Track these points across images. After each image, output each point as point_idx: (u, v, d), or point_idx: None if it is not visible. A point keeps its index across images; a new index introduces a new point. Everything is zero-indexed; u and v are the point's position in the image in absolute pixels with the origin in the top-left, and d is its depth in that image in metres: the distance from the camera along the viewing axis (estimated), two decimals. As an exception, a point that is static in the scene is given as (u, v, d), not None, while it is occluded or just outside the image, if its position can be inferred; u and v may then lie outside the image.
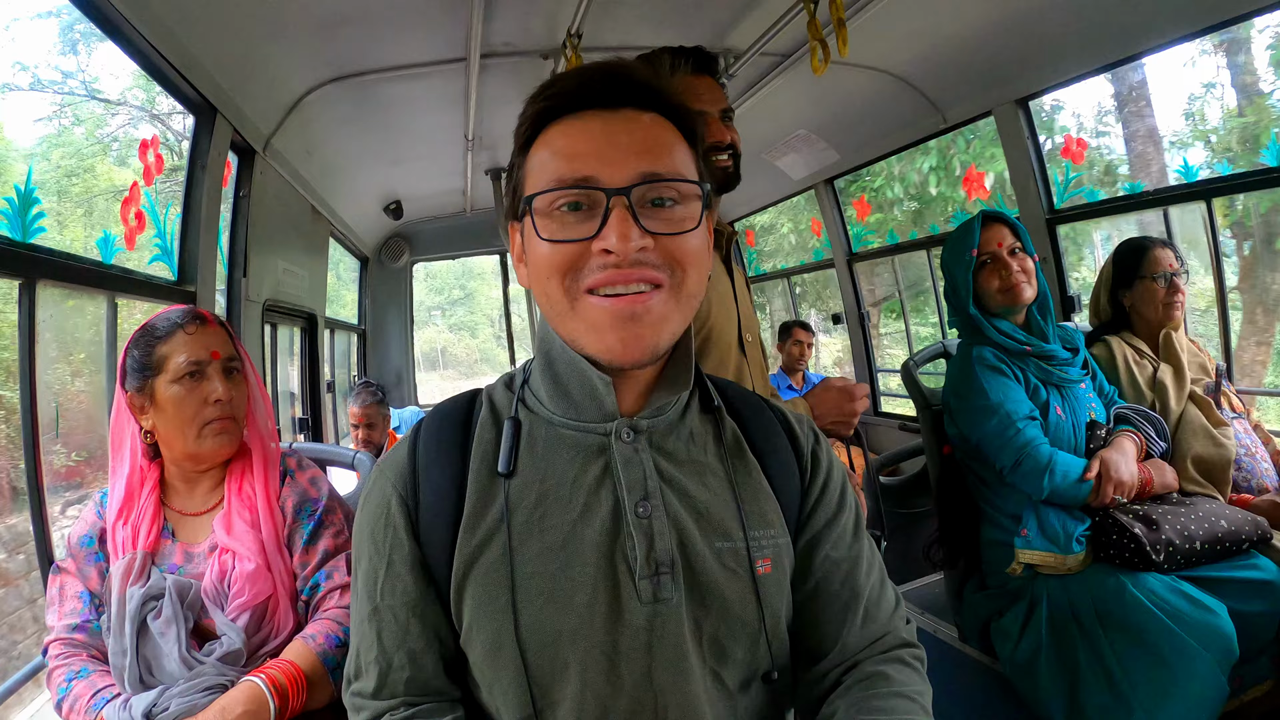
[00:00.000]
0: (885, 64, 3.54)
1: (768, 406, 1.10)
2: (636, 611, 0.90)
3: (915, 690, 0.95)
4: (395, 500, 0.95)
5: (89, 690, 1.40)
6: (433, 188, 5.47)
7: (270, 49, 2.73)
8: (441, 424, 1.01)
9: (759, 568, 0.95)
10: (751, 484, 1.00)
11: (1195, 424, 2.27)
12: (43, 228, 1.98)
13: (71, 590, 1.52)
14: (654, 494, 0.94)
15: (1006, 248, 2.20)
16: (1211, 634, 1.79)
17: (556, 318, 0.91)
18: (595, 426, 0.96)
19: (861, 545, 1.05)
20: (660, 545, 0.92)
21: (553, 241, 0.87)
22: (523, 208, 0.90)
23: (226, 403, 1.55)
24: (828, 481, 1.06)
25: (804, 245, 9.42)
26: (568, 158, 0.87)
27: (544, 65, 3.33)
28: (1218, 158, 6.67)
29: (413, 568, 0.94)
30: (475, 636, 0.91)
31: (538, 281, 0.91)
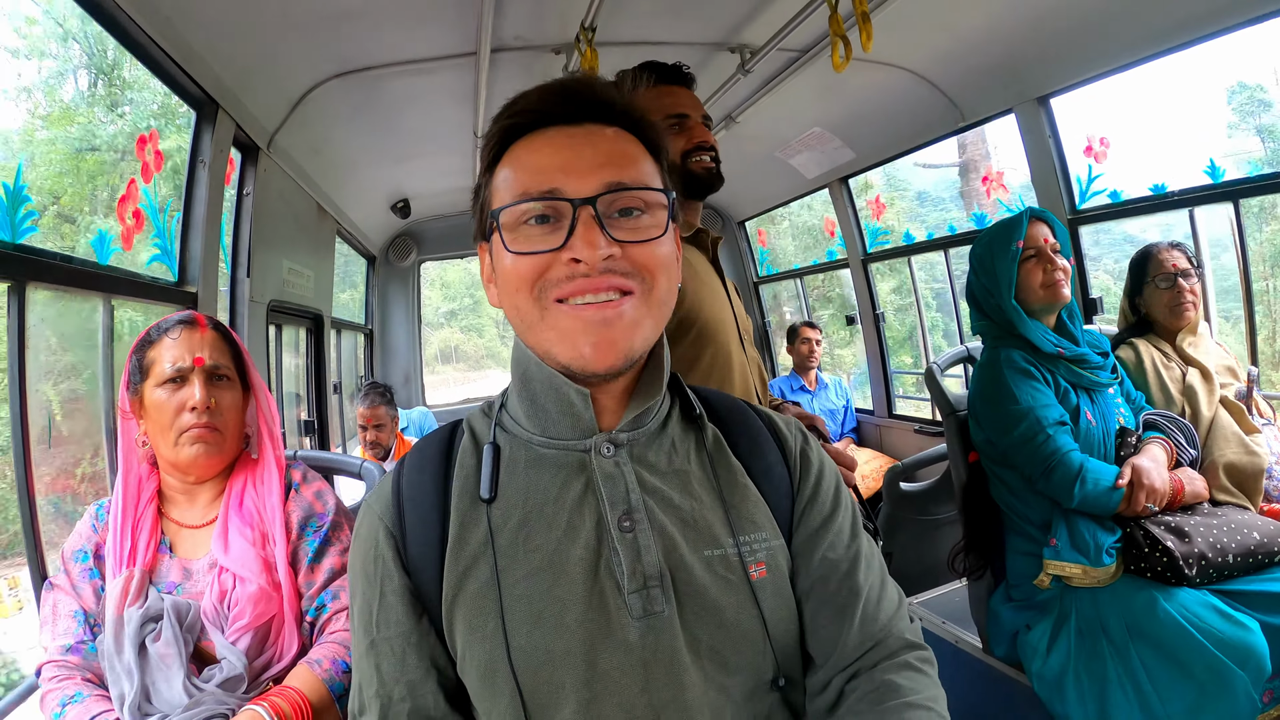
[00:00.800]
0: (903, 61, 3.48)
1: (752, 410, 1.10)
2: (628, 628, 0.89)
3: (928, 697, 0.91)
4: (383, 533, 0.96)
5: (84, 716, 1.35)
6: (441, 185, 5.42)
7: (274, 43, 2.68)
8: (423, 456, 1.01)
9: (753, 573, 0.94)
10: (738, 489, 0.99)
11: (1227, 430, 2.22)
12: (33, 228, 1.92)
13: (65, 609, 1.47)
14: (637, 507, 0.93)
15: (1050, 246, 2.17)
16: (1245, 651, 1.76)
17: (527, 330, 0.92)
18: (574, 444, 0.96)
19: (859, 544, 1.02)
20: (646, 558, 0.91)
21: (520, 254, 0.88)
22: (489, 223, 0.91)
23: (203, 410, 1.50)
24: (819, 481, 1.04)
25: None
26: (533, 172, 0.89)
27: (556, 60, 3.28)
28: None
29: (404, 598, 0.93)
30: (469, 663, 0.90)
31: (507, 296, 0.92)
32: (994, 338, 2.26)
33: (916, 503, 3.16)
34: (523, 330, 0.93)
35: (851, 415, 5.52)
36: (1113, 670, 1.90)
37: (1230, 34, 2.62)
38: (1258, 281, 5.40)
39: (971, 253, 2.32)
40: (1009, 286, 2.16)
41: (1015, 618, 2.17)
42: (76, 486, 2.89)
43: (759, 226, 6.62)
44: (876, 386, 5.30)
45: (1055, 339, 2.16)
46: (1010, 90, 3.36)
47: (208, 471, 1.55)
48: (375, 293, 6.39)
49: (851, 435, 5.45)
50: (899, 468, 3.17)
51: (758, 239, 6.62)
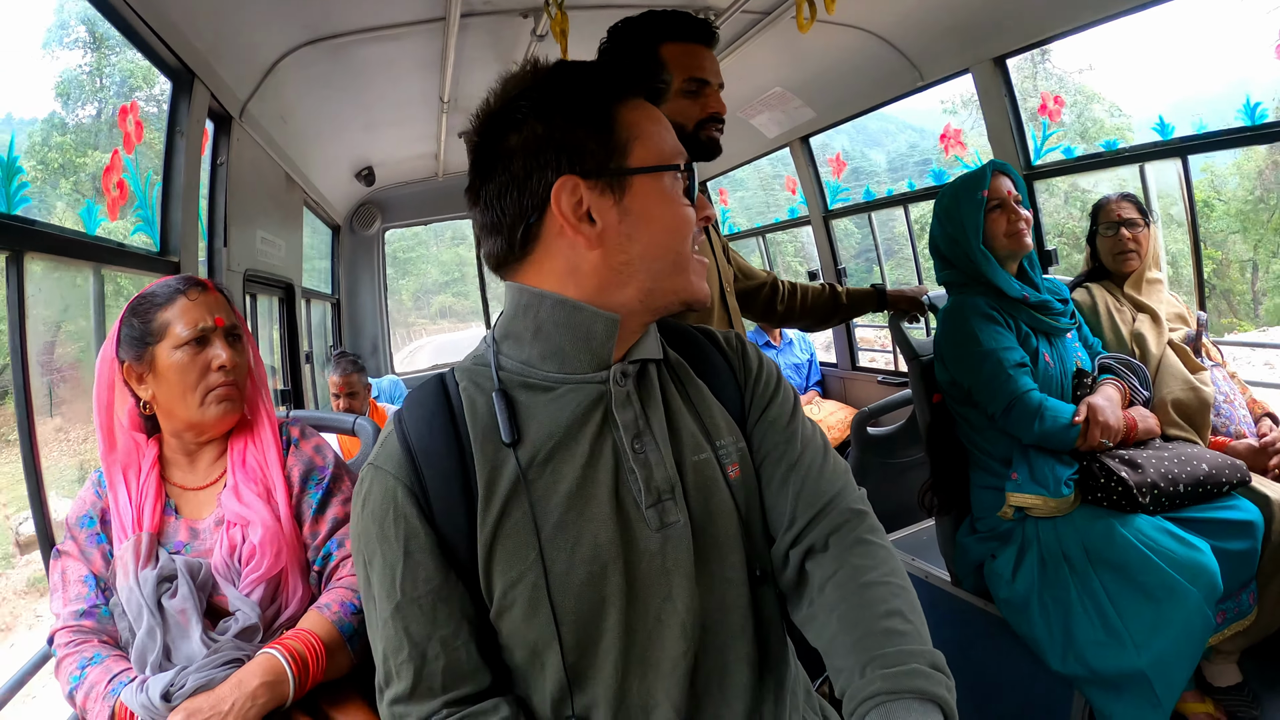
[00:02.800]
0: (863, 22, 3.54)
1: (696, 331, 1.21)
2: (650, 539, 0.99)
3: (885, 571, 1.01)
4: (401, 491, 0.97)
5: (105, 675, 1.37)
6: (405, 152, 5.40)
7: (247, 10, 2.66)
8: (425, 409, 1.03)
9: (730, 472, 1.07)
10: (706, 403, 1.10)
11: (1174, 370, 2.34)
12: (27, 198, 1.93)
13: (75, 574, 1.47)
14: (644, 430, 1.03)
15: (1012, 196, 2.27)
16: (1197, 571, 1.87)
17: (673, 270, 1.01)
18: (592, 376, 1.02)
19: (798, 425, 1.14)
20: (659, 474, 1.01)
21: (690, 206, 1.02)
22: (666, 168, 1.00)
23: (231, 369, 1.52)
24: (759, 375, 1.17)
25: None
26: (674, 139, 1.03)
27: (524, 24, 3.29)
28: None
29: (432, 553, 0.96)
30: (514, 596, 0.95)
31: (669, 239, 1.00)
32: (959, 285, 2.35)
33: (883, 446, 3.25)
34: (659, 272, 1.00)
35: (816, 369, 5.63)
36: (1075, 594, 2.00)
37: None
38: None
39: (936, 204, 2.40)
40: (976, 233, 2.25)
41: (981, 548, 2.27)
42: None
43: (720, 186, 6.68)
44: (839, 339, 5.40)
45: (1020, 285, 2.25)
46: (968, 51, 3.43)
47: (229, 426, 1.58)
48: (341, 262, 6.34)
49: (817, 388, 5.57)
50: (865, 412, 3.24)
51: (720, 198, 6.68)
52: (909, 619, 0.95)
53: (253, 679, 1.32)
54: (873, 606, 0.95)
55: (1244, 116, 2.84)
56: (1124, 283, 2.53)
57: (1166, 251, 2.57)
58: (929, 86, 3.83)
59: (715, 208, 6.48)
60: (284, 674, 1.34)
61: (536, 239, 1.00)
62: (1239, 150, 8.17)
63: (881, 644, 0.91)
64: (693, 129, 1.82)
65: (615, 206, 0.97)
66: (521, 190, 0.97)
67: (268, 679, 1.33)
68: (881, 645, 0.91)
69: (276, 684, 1.33)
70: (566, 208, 0.96)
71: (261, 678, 1.32)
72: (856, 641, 0.93)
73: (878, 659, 0.90)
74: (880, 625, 0.93)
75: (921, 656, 0.90)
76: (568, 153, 0.96)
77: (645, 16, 1.84)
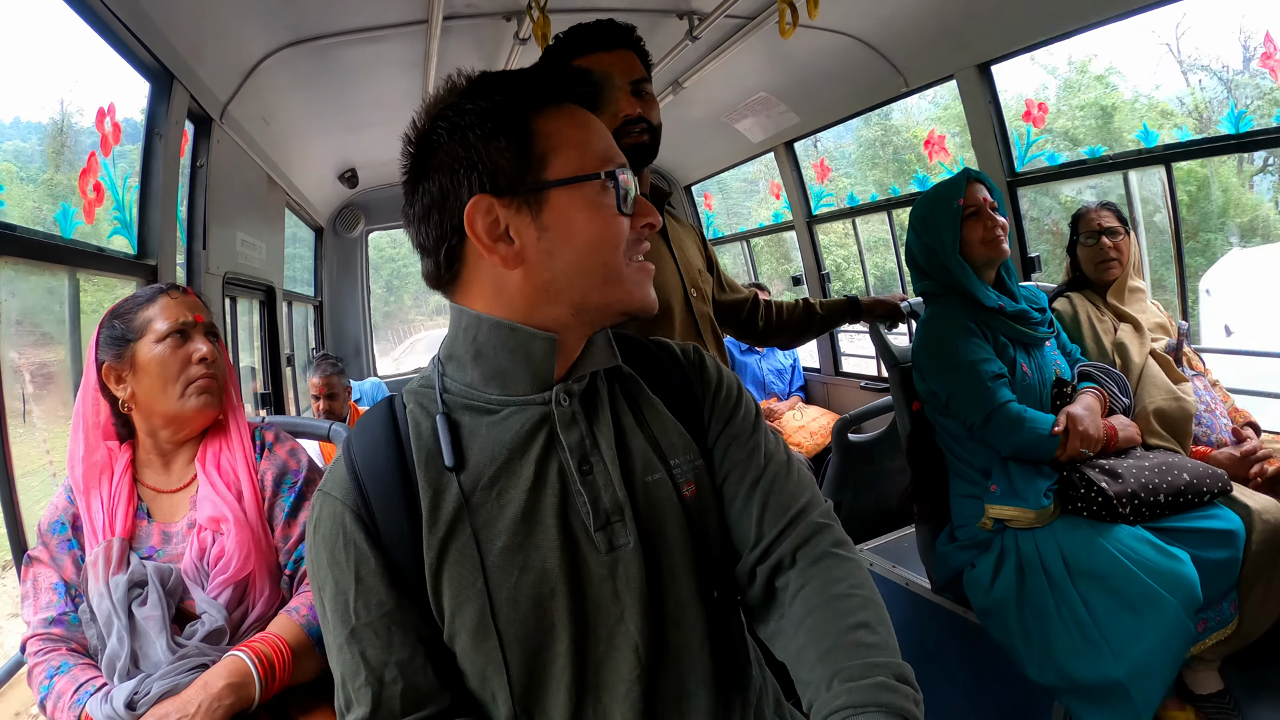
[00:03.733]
0: (848, 27, 3.55)
1: (651, 345, 1.19)
2: (599, 562, 0.98)
3: (853, 584, 1.00)
4: (349, 516, 0.97)
5: (71, 685, 1.38)
6: (388, 154, 5.19)
7: (228, 10, 2.64)
8: (371, 435, 1.03)
9: (685, 491, 1.05)
10: (660, 420, 1.08)
11: (1156, 379, 2.34)
12: (1, 202, 1.91)
13: (45, 582, 1.48)
14: (591, 450, 1.01)
15: (988, 204, 2.26)
16: (1176, 580, 1.87)
17: (603, 284, 0.98)
18: (534, 397, 1.01)
19: (759, 437, 1.12)
20: (606, 495, 1.00)
21: (623, 215, 0.98)
22: (589, 177, 0.96)
23: (211, 362, 1.55)
24: (719, 390, 1.15)
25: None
26: (604, 140, 1.00)
27: (507, 27, 3.29)
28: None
29: (383, 577, 0.96)
30: (459, 624, 0.95)
31: (595, 252, 0.96)
32: (935, 296, 2.35)
33: (864, 453, 3.25)
34: (588, 287, 0.97)
35: (799, 374, 5.63)
36: (1053, 603, 2.00)
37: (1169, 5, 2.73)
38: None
39: (912, 214, 2.40)
40: (953, 242, 2.25)
41: (960, 556, 2.27)
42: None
43: (704, 190, 6.70)
44: (822, 344, 5.41)
45: (996, 295, 2.25)
46: (952, 57, 3.44)
47: (207, 421, 1.60)
48: (324, 264, 6.31)
49: (799, 394, 5.57)
50: (847, 418, 3.24)
51: (704, 202, 6.69)
52: (876, 630, 0.94)
53: (218, 681, 1.33)
54: (840, 619, 0.95)
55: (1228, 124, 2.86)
56: (1105, 292, 2.53)
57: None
58: (914, 92, 3.85)
59: (700, 212, 6.51)
60: (250, 676, 1.35)
61: (461, 260, 1.00)
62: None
63: (849, 656, 0.90)
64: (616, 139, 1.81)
65: (533, 223, 0.96)
66: (441, 212, 0.97)
67: (233, 680, 1.34)
68: (848, 658, 0.90)
69: (242, 685, 1.34)
70: (481, 229, 0.95)
71: (227, 679, 1.33)
72: (823, 654, 0.92)
73: (843, 671, 0.89)
74: (847, 637, 0.92)
75: (888, 669, 0.89)
76: (480, 171, 0.95)
77: (569, 33, 1.84)
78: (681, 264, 1.99)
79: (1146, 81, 13.00)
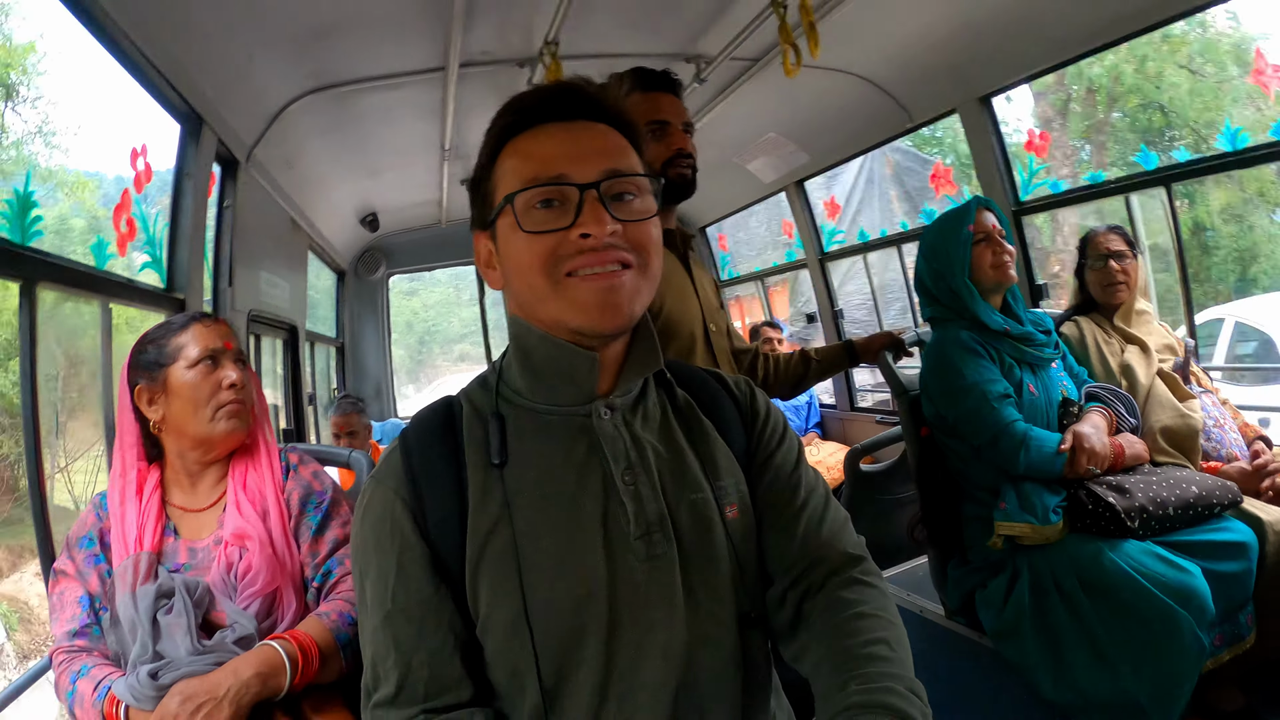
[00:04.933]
0: (852, 66, 3.63)
1: (706, 374, 1.22)
2: (636, 569, 0.99)
3: (876, 606, 1.01)
4: (399, 505, 1.00)
5: (91, 684, 1.40)
6: (409, 199, 5.50)
7: (255, 58, 2.76)
8: (429, 428, 1.07)
9: (728, 513, 1.06)
10: (708, 442, 1.11)
11: (1163, 399, 2.35)
12: (40, 231, 2.02)
13: (71, 596, 1.52)
14: (635, 463, 1.03)
15: (997, 231, 2.30)
16: (1187, 594, 1.86)
17: (539, 303, 1.00)
18: (576, 409, 1.05)
19: (802, 473, 1.14)
20: (649, 507, 1.01)
21: (535, 233, 0.97)
22: (500, 207, 1.00)
23: (241, 387, 1.61)
24: (766, 422, 1.17)
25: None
26: (540, 161, 0.98)
27: (520, 74, 3.39)
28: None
29: (425, 567, 0.98)
30: (494, 620, 0.97)
31: (520, 274, 1.00)
32: (943, 320, 2.37)
33: (876, 483, 3.27)
34: (532, 304, 1.01)
35: (815, 411, 5.65)
36: (1065, 620, 1.99)
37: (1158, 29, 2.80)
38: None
39: (921, 241, 2.44)
40: (962, 268, 2.28)
41: (971, 579, 2.28)
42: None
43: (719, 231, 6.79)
44: (838, 380, 5.43)
45: (1001, 318, 2.28)
46: (954, 91, 3.51)
47: (235, 444, 1.65)
48: (345, 307, 6.42)
49: (816, 430, 5.59)
50: (858, 448, 3.25)
51: (719, 243, 6.77)
52: (894, 649, 0.95)
53: (248, 668, 1.36)
54: (859, 635, 0.96)
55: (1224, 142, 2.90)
56: (1113, 315, 2.55)
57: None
58: (918, 127, 3.93)
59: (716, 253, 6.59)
60: (281, 667, 1.38)
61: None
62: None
63: (863, 665, 0.92)
64: (660, 168, 1.91)
65: (497, 252, 1.04)
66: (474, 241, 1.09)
67: (262, 670, 1.36)
68: (863, 666, 0.92)
69: (272, 676, 1.37)
70: (481, 258, 1.08)
71: (256, 668, 1.36)
72: (839, 664, 0.94)
73: (857, 677, 0.90)
74: (864, 650, 0.94)
75: (900, 680, 0.90)
76: (475, 209, 1.06)
77: (632, 70, 2.01)
78: (703, 300, 2.08)
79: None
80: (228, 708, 1.31)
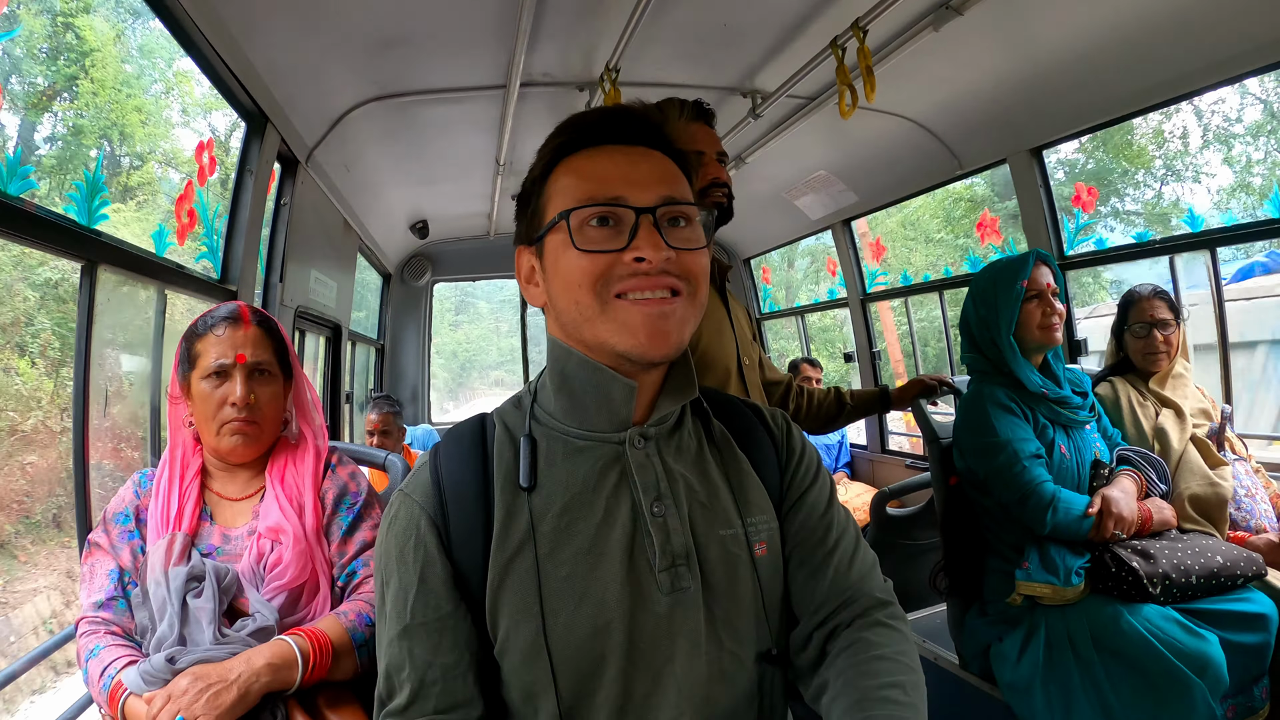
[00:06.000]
0: (905, 110, 3.65)
1: (745, 406, 1.21)
2: (659, 602, 0.99)
3: (897, 650, 1.01)
4: (424, 521, 1.01)
5: (98, 668, 1.43)
6: (459, 209, 5.58)
7: (323, 64, 2.84)
8: (459, 446, 1.07)
9: (757, 550, 1.05)
10: (742, 476, 1.10)
11: (1194, 465, 2.33)
12: (106, 215, 2.08)
13: (103, 568, 1.55)
14: (665, 494, 1.03)
15: (1050, 289, 2.28)
16: (1202, 661, 1.85)
17: (585, 323, 0.99)
18: (610, 436, 1.05)
19: (834, 513, 1.13)
20: (675, 540, 1.01)
21: (589, 252, 0.96)
22: (554, 222, 0.99)
23: (243, 406, 1.59)
24: (801, 459, 1.17)
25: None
26: (598, 180, 0.99)
27: (579, 96, 3.45)
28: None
29: (446, 584, 0.99)
30: (512, 643, 0.97)
31: (568, 291, 0.99)
32: (980, 372, 2.37)
33: (901, 528, 3.25)
34: (578, 324, 1.00)
35: (846, 450, 5.62)
36: (1078, 680, 1.98)
37: (1215, 90, 2.80)
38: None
39: (974, 284, 2.41)
40: (1009, 324, 2.26)
41: (988, 631, 2.26)
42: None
43: (763, 264, 6.81)
44: (870, 421, 5.40)
45: (1040, 379, 2.26)
46: (1005, 142, 3.51)
47: (244, 459, 1.66)
48: (389, 309, 6.52)
49: (846, 470, 5.56)
50: (885, 491, 3.25)
51: (762, 276, 6.79)
52: (908, 694, 0.95)
53: (261, 659, 1.38)
54: (876, 676, 0.96)
55: (1272, 209, 2.86)
56: (1149, 378, 2.53)
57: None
58: (968, 175, 3.92)
59: (758, 285, 6.60)
60: (293, 660, 1.40)
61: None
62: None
63: (876, 707, 0.92)
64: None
65: (542, 269, 1.04)
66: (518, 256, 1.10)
67: (274, 662, 1.39)
68: (876, 709, 0.92)
69: (283, 668, 1.39)
70: (522, 274, 1.08)
71: (268, 659, 1.38)
72: (853, 703, 0.94)
73: (870, 718, 0.91)
74: (879, 693, 0.94)
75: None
76: (522, 223, 1.07)
77: (666, 100, 2.04)
78: (738, 331, 2.10)
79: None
80: (235, 691, 1.33)
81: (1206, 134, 12.74)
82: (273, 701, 1.40)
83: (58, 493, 7.29)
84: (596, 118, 1.04)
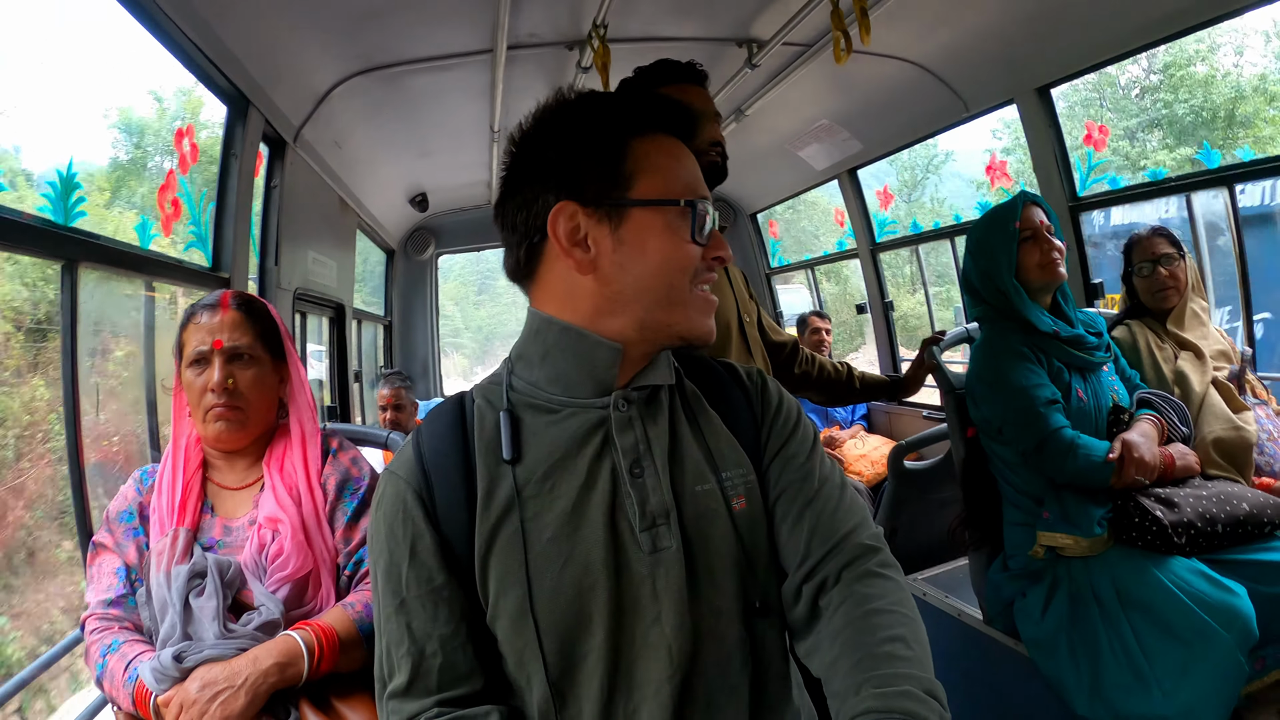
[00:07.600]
0: (907, 53, 3.55)
1: (715, 364, 1.23)
2: (641, 562, 1.01)
3: (893, 601, 1.00)
4: (410, 494, 1.03)
5: (121, 663, 1.43)
6: (458, 180, 5.54)
7: (302, 40, 2.78)
8: (440, 424, 1.09)
9: (735, 504, 1.07)
10: (715, 433, 1.12)
11: (1216, 408, 2.27)
12: (83, 212, 2.07)
13: (109, 566, 1.55)
14: (644, 456, 1.05)
15: (1045, 227, 2.23)
16: (1230, 614, 1.80)
17: (670, 305, 1.04)
18: (594, 402, 1.06)
19: (815, 461, 1.14)
20: (654, 499, 1.03)
21: (696, 243, 1.03)
22: (663, 202, 1.02)
23: (220, 391, 1.57)
24: (779, 412, 1.18)
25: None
26: (692, 178, 1.06)
27: (569, 56, 3.38)
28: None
29: (435, 554, 1.01)
30: (501, 608, 0.99)
31: (662, 273, 1.02)
32: (990, 321, 2.32)
33: (919, 481, 3.21)
34: (658, 303, 1.03)
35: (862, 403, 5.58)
36: (1103, 634, 1.95)
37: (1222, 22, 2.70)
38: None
39: (968, 239, 2.38)
40: (1009, 266, 2.21)
41: (1011, 586, 2.23)
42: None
43: (770, 218, 6.72)
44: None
45: (1051, 320, 2.21)
46: (1011, 81, 3.40)
47: (232, 445, 1.63)
48: (394, 285, 6.51)
49: (862, 423, 5.51)
50: (903, 445, 3.20)
51: (769, 230, 6.70)
52: (910, 646, 0.94)
53: (267, 658, 1.38)
54: (875, 632, 0.95)
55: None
56: (1165, 319, 2.47)
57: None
58: (974, 117, 3.81)
59: (766, 240, 6.52)
60: (300, 656, 1.40)
61: (539, 259, 1.06)
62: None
63: (879, 665, 0.91)
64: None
65: (611, 235, 1.02)
66: (528, 211, 1.04)
67: (281, 660, 1.38)
68: (878, 667, 0.91)
69: (290, 665, 1.39)
70: (562, 232, 1.01)
71: (275, 658, 1.38)
72: (854, 664, 0.92)
73: (872, 679, 0.89)
74: (880, 649, 0.93)
75: (917, 681, 0.89)
76: (570, 180, 1.01)
77: (646, 68, 2.03)
78: (736, 290, 2.10)
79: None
80: (244, 695, 1.33)
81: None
82: (283, 698, 1.40)
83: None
84: (671, 108, 1.08)
